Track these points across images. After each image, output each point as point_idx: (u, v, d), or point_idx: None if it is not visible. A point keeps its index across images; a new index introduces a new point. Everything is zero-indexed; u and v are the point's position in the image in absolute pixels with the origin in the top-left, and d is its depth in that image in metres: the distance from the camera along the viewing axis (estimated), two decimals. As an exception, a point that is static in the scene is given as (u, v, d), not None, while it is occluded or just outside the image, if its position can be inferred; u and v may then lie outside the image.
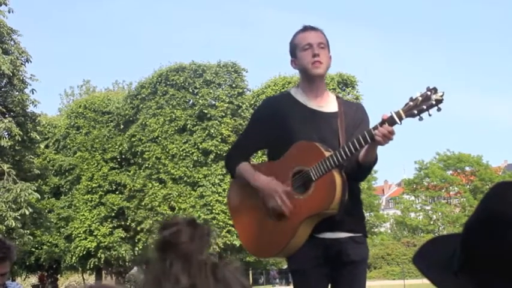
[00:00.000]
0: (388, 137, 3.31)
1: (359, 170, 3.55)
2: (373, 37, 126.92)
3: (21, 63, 25.49)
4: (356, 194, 3.68)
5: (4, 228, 23.58)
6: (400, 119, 3.29)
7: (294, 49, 3.73)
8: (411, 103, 3.26)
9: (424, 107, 3.22)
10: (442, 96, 3.20)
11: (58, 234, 35.95)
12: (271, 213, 3.59)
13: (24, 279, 42.66)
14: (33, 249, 34.99)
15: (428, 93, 3.21)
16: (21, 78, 25.40)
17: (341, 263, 3.54)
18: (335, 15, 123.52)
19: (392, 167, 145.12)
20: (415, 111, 3.24)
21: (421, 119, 3.26)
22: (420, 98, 3.23)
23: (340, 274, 3.56)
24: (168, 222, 1.30)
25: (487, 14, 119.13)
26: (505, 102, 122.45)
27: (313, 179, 3.47)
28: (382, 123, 3.31)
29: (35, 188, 25.05)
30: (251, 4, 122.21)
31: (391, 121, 3.29)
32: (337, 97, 3.86)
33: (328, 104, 3.75)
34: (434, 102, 3.20)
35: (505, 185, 1.40)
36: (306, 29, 3.73)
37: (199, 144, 33.19)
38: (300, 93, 3.76)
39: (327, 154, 3.45)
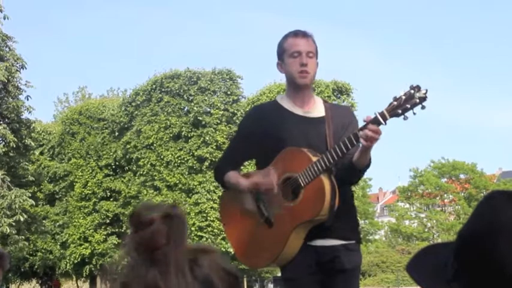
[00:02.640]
0: (374, 138, 3.28)
1: (352, 172, 3.52)
2: (369, 44, 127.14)
3: (17, 70, 25.46)
4: (348, 200, 3.66)
5: (-1, 234, 23.56)
6: (385, 119, 3.27)
7: (282, 53, 3.70)
8: (395, 102, 3.24)
9: (408, 105, 3.20)
10: (425, 93, 3.18)
11: (53, 241, 35.88)
12: (266, 217, 3.58)
13: (18, 286, 42.54)
14: (28, 256, 34.91)
15: (412, 91, 3.19)
16: (16, 84, 25.38)
17: (334, 271, 3.53)
18: (331, 22, 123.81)
19: (387, 175, 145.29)
20: (399, 111, 3.23)
21: (405, 118, 3.24)
22: (404, 97, 3.21)
23: (332, 282, 3.55)
24: (143, 219, 1.21)
25: (485, 23, 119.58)
26: (500, 110, 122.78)
27: (302, 185, 3.45)
28: (366, 125, 3.30)
29: (30, 194, 25.02)
30: (246, 11, 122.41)
31: (375, 122, 3.28)
32: (324, 101, 3.85)
33: (315, 109, 3.73)
34: (418, 101, 3.18)
35: (498, 194, 1.40)
36: (297, 34, 3.69)
37: (194, 151, 33.17)
38: (286, 99, 3.74)
39: (315, 159, 3.42)
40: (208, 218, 32.45)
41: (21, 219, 24.00)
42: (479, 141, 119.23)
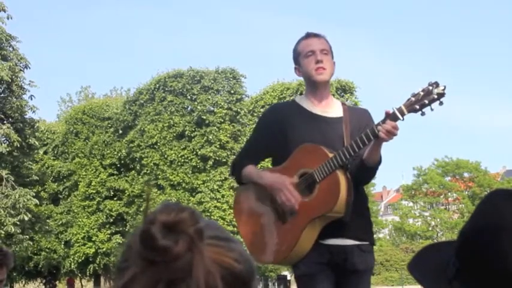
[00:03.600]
0: (392, 133, 3.29)
1: (364, 171, 3.52)
2: (372, 42, 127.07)
3: (20, 70, 25.53)
4: (362, 200, 3.66)
5: (3, 234, 23.60)
6: (402, 114, 3.28)
7: (297, 57, 3.73)
8: (413, 98, 3.25)
9: (426, 101, 3.20)
10: (444, 90, 3.18)
11: (57, 240, 35.94)
12: (280, 212, 3.58)
13: (23, 285, 42.61)
14: (32, 255, 34.98)
15: (430, 87, 3.19)
16: (19, 84, 25.43)
17: (346, 271, 3.52)
18: (334, 21, 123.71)
19: (390, 173, 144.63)
20: (417, 106, 3.23)
21: (423, 114, 3.25)
22: (422, 93, 3.22)
23: (344, 282, 3.54)
24: (170, 222, 0.94)
25: (486, 24, 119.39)
26: (504, 109, 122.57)
27: (317, 180, 3.44)
28: (384, 119, 3.32)
29: (34, 194, 25.06)
30: (249, 10, 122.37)
31: (393, 117, 3.29)
32: (343, 103, 3.88)
33: (333, 109, 3.75)
34: (436, 97, 3.18)
35: (500, 193, 1.40)
36: (309, 36, 3.74)
37: (197, 150, 33.19)
38: (305, 99, 3.77)
39: (331, 155, 3.43)
40: (212, 217, 32.45)
41: (26, 218, 24.06)
42: (483, 139, 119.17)
